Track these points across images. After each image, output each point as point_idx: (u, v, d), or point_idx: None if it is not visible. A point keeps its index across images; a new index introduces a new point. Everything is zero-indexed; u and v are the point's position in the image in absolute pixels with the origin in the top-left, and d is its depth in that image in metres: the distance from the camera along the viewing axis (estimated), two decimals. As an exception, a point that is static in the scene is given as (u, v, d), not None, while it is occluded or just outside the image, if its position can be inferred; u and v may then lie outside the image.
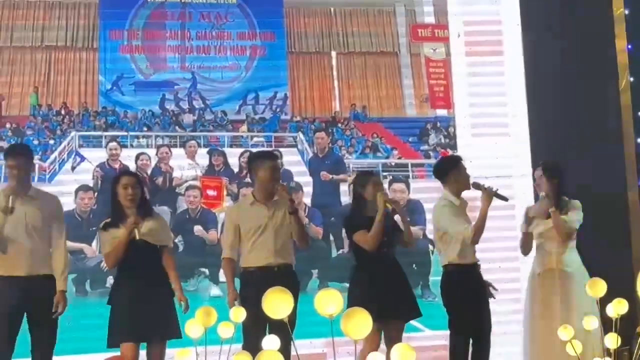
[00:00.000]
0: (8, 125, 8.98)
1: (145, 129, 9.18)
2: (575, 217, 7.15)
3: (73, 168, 8.96)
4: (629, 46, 8.83)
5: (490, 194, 6.84)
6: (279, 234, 6.82)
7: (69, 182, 8.81)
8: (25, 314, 6.50)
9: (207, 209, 9.06)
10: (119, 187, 6.71)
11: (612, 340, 6.05)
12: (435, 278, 7.22)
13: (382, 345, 6.74)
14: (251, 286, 6.58)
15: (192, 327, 6.21)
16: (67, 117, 9.09)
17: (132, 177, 6.84)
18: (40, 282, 6.52)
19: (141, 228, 6.62)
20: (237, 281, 6.86)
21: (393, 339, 6.67)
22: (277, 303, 5.29)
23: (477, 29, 9.18)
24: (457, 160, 7.19)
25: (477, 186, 6.93)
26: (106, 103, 9.18)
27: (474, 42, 9.18)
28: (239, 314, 6.43)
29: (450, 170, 7.05)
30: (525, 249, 7.36)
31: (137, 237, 6.57)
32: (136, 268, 6.64)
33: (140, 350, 6.70)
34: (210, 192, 9.12)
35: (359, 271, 6.95)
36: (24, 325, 6.54)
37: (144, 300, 6.57)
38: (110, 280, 8.11)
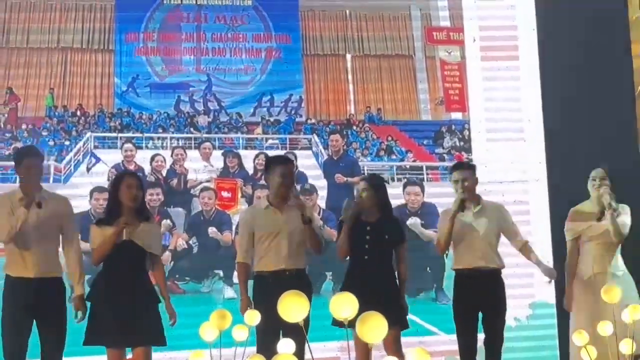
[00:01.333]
0: (24, 127, 9.02)
1: (160, 130, 9.21)
2: (627, 220, 7.16)
3: (88, 169, 8.99)
4: None
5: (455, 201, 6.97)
6: (292, 240, 6.82)
7: (84, 184, 8.84)
8: (34, 315, 6.49)
9: (221, 211, 9.08)
10: (123, 186, 6.67)
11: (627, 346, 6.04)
12: (449, 281, 7.27)
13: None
14: (264, 290, 6.64)
15: (207, 330, 6.29)
16: (82, 118, 9.13)
17: (136, 178, 6.82)
18: (49, 284, 6.52)
19: (132, 230, 6.60)
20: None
21: (388, 346, 6.68)
22: (292, 306, 5.34)
23: (492, 34, 9.19)
24: (452, 167, 7.32)
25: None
26: (121, 105, 9.21)
27: (490, 47, 9.20)
28: (253, 317, 6.48)
29: None
30: (574, 258, 7.29)
31: (124, 237, 6.55)
32: (120, 268, 6.59)
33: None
34: (225, 194, 9.15)
35: (345, 276, 7.01)
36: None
37: (124, 302, 6.52)
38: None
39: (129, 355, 6.69)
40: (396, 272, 6.99)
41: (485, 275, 6.95)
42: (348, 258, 7.05)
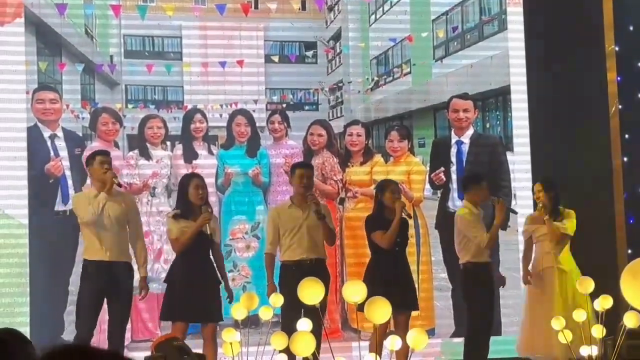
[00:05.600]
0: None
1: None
2: (568, 224, 8.10)
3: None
4: (618, 78, 9.55)
5: (503, 208, 7.99)
6: (312, 233, 7.78)
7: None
8: (105, 292, 7.47)
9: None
10: (191, 187, 7.63)
11: (598, 331, 7.08)
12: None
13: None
14: (288, 277, 7.53)
15: (237, 310, 7.25)
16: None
17: (200, 179, 7.77)
18: (120, 267, 7.48)
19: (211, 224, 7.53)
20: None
21: (401, 325, 7.66)
22: (310, 291, 6.23)
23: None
24: (479, 177, 8.31)
25: (493, 201, 8.05)
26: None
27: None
28: (277, 299, 7.48)
29: (472, 185, 8.17)
30: (528, 253, 8.34)
31: (209, 232, 7.49)
32: (193, 255, 7.54)
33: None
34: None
35: (374, 265, 7.94)
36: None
37: (197, 284, 7.47)
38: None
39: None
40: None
41: (490, 267, 8.16)
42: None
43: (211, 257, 7.74)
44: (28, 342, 3.14)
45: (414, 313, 8.77)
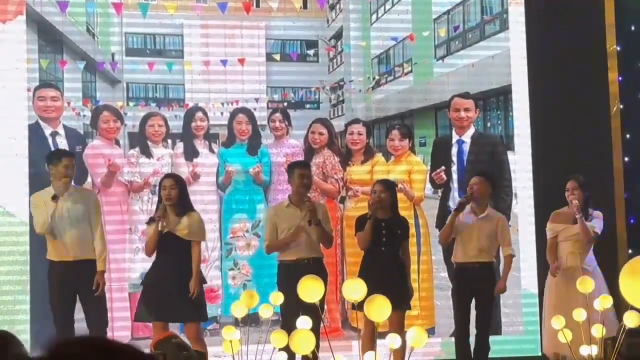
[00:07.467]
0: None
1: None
2: (597, 224, 8.12)
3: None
4: (620, 78, 9.55)
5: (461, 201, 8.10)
6: (310, 233, 7.78)
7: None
8: (75, 292, 7.56)
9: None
10: (160, 188, 7.70)
11: (598, 330, 7.10)
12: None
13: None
14: (287, 277, 7.52)
15: (238, 308, 7.33)
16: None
17: (170, 179, 7.78)
18: (86, 265, 7.55)
19: (168, 222, 7.53)
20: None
21: (394, 324, 7.43)
22: (310, 289, 6.27)
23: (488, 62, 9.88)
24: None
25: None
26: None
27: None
28: (277, 298, 7.53)
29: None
30: (553, 252, 8.25)
31: (160, 229, 7.51)
32: (167, 257, 7.57)
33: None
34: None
35: (362, 265, 7.94)
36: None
37: (169, 285, 7.49)
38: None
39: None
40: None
41: (478, 267, 8.00)
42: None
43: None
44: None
45: (414, 312, 8.86)
